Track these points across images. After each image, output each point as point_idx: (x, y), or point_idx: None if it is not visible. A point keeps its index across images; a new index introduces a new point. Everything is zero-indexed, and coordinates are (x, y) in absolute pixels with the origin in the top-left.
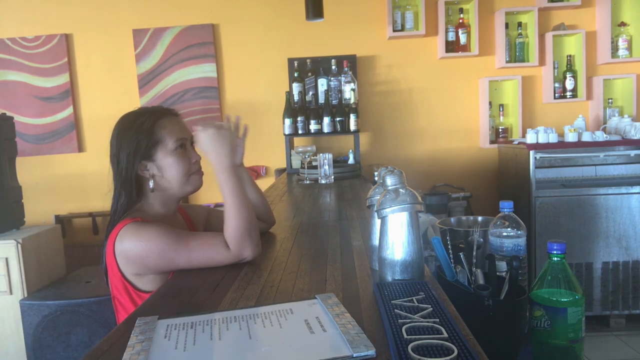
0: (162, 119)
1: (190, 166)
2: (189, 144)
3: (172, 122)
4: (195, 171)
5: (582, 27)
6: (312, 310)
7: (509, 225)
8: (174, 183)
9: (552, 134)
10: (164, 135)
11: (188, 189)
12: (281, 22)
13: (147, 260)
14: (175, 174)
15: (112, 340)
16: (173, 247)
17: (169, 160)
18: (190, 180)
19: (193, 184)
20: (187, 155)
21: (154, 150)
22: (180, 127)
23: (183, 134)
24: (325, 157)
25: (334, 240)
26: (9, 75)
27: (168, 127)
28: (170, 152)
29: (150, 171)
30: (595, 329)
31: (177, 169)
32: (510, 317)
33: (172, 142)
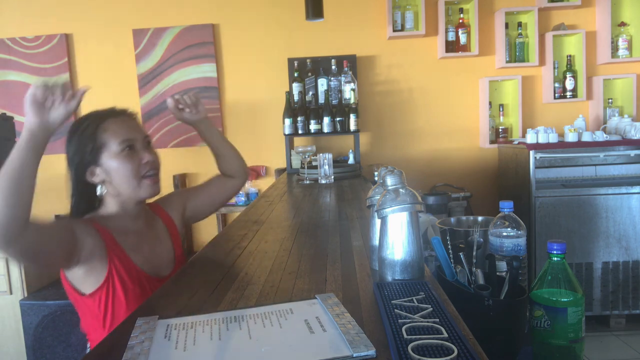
0: (106, 121)
1: (140, 168)
2: (140, 144)
3: (117, 123)
4: (147, 173)
5: (582, 27)
6: (312, 310)
7: (509, 225)
8: (124, 187)
9: (552, 134)
10: (107, 138)
11: (141, 193)
12: (281, 22)
13: None
14: (122, 178)
15: (112, 340)
16: None
17: (114, 164)
18: (142, 184)
19: (146, 188)
20: (136, 156)
21: (98, 155)
22: (127, 128)
23: (130, 134)
24: (325, 157)
25: (334, 240)
26: (9, 75)
27: (111, 130)
28: (114, 155)
29: (100, 176)
30: (595, 329)
31: (123, 172)
32: (510, 317)
33: (116, 144)
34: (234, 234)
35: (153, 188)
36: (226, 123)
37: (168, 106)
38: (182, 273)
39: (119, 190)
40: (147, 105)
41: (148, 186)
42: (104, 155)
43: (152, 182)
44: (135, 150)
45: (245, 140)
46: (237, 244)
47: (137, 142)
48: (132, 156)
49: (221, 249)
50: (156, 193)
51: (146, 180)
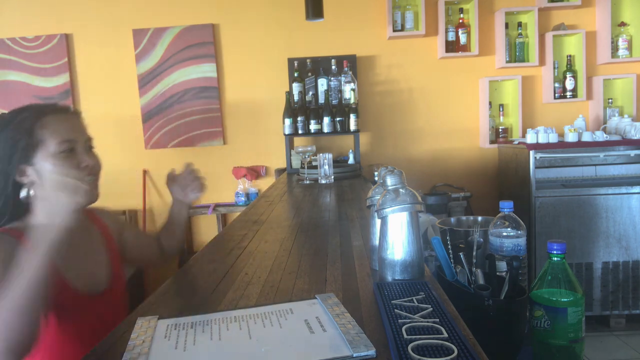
0: (47, 117)
1: (78, 172)
2: (82, 147)
3: (59, 121)
4: (84, 178)
5: (582, 27)
6: (312, 310)
7: (509, 225)
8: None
9: (552, 134)
10: (46, 136)
11: (77, 199)
12: (281, 22)
13: None
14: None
15: (112, 340)
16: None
17: (49, 165)
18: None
19: (82, 194)
20: (75, 159)
21: (32, 153)
22: (70, 128)
23: (71, 135)
24: (325, 157)
25: (334, 240)
26: (9, 75)
27: (52, 127)
28: (51, 156)
29: (30, 177)
30: (595, 329)
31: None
32: (510, 317)
33: (55, 144)
34: (234, 234)
35: (90, 194)
36: (226, 123)
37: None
38: (182, 273)
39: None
40: (147, 105)
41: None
42: (39, 154)
43: (90, 187)
44: (74, 153)
45: (245, 140)
46: (237, 244)
47: (78, 144)
48: (70, 158)
49: (221, 249)
50: (93, 200)
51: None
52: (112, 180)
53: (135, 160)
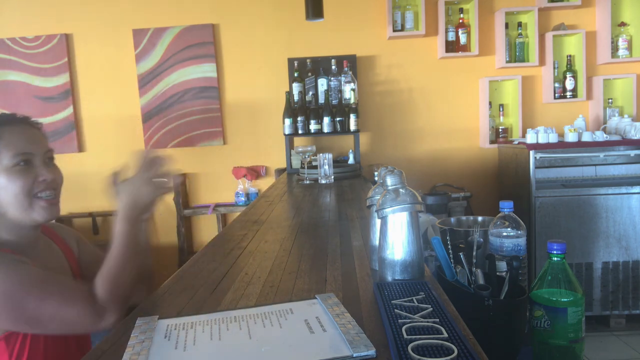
0: (3, 127)
1: (33, 186)
2: (40, 160)
3: (13, 133)
4: (40, 194)
5: (582, 27)
6: (312, 310)
7: (509, 225)
8: (11, 208)
9: (552, 134)
10: (0, 149)
11: (34, 216)
12: (281, 22)
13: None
14: (10, 196)
15: (112, 340)
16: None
17: (2, 180)
18: (34, 205)
19: (39, 211)
20: (32, 173)
21: None
22: (25, 140)
23: (27, 148)
24: (325, 157)
25: (334, 240)
26: (9, 75)
27: (6, 139)
28: (4, 170)
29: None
30: (595, 329)
31: (12, 189)
32: (510, 317)
33: (9, 157)
34: (234, 234)
35: (48, 211)
36: (226, 123)
37: None
38: (182, 273)
39: (5, 211)
40: (147, 106)
41: (41, 208)
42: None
43: (47, 203)
44: (31, 166)
45: (245, 140)
46: (237, 244)
47: (36, 157)
48: (26, 172)
49: (221, 249)
50: (52, 217)
51: (40, 202)
52: None
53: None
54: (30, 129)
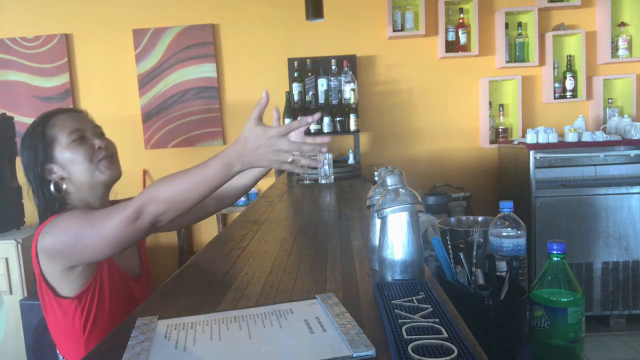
0: (53, 118)
1: (94, 153)
2: (91, 133)
3: (64, 118)
4: (102, 157)
5: (582, 27)
6: (312, 310)
7: (509, 225)
8: (83, 175)
9: (552, 134)
10: (56, 132)
11: (100, 177)
12: (281, 22)
13: (59, 246)
14: (78, 166)
15: (112, 340)
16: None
17: (67, 155)
18: (99, 167)
19: (103, 170)
20: (88, 143)
21: (50, 151)
22: (75, 120)
23: (78, 125)
24: (325, 157)
25: (334, 240)
26: (9, 75)
27: (59, 124)
28: (66, 147)
29: (58, 173)
30: (595, 329)
31: (77, 159)
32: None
33: (65, 136)
34: (234, 234)
35: (111, 169)
36: (226, 123)
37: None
38: (182, 273)
39: (79, 181)
40: (147, 106)
41: (105, 167)
42: (56, 149)
43: (108, 162)
44: (86, 139)
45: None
46: (237, 244)
47: (87, 131)
48: (83, 144)
49: (221, 249)
50: (116, 175)
51: (102, 162)
52: None
53: (135, 160)
54: (76, 113)
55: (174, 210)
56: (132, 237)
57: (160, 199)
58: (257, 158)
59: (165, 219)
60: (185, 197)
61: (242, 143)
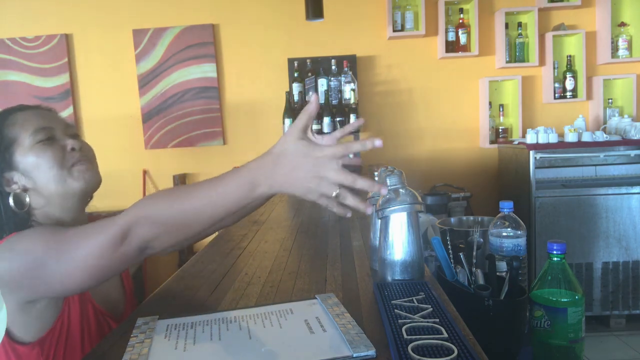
0: (13, 115)
1: (65, 156)
2: (62, 134)
3: (27, 115)
4: (76, 161)
5: (582, 27)
6: (312, 310)
7: (509, 225)
8: (51, 184)
9: (552, 134)
10: (16, 132)
11: (73, 184)
12: (281, 22)
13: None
14: (45, 173)
15: (112, 340)
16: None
17: (31, 159)
18: (72, 173)
19: (77, 176)
20: (58, 145)
21: (9, 156)
22: (40, 118)
23: (45, 123)
24: None
25: (334, 240)
26: (9, 75)
27: (19, 122)
28: (29, 149)
29: (19, 183)
30: (595, 329)
31: (44, 164)
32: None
33: (28, 136)
34: (234, 234)
35: (87, 175)
36: (226, 123)
37: None
38: (182, 273)
39: (46, 192)
40: (147, 106)
41: (80, 173)
42: (17, 153)
43: (84, 167)
44: (55, 140)
45: (245, 140)
46: (237, 244)
47: (57, 130)
48: (52, 145)
49: (221, 249)
50: (93, 182)
51: (76, 167)
52: (112, 181)
53: (135, 160)
54: (42, 111)
55: (171, 235)
56: (114, 266)
57: (155, 219)
58: (291, 182)
59: (158, 245)
60: (189, 221)
61: (274, 158)
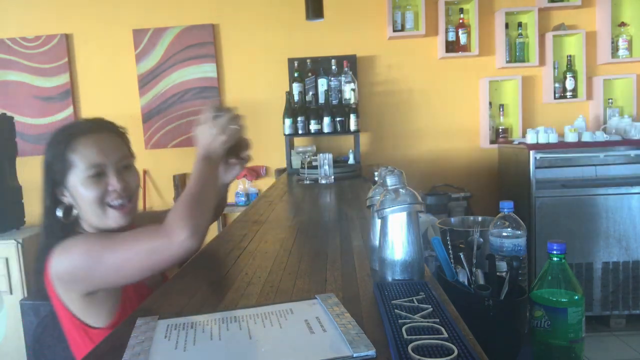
0: (76, 140)
1: (105, 195)
2: (113, 168)
3: (87, 145)
4: (112, 202)
5: (582, 27)
6: (312, 310)
7: (509, 225)
8: (89, 215)
9: (552, 134)
10: (75, 160)
11: (109, 223)
12: (281, 22)
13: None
14: (87, 206)
15: (112, 340)
16: (103, 243)
17: (80, 189)
18: (107, 214)
19: (113, 218)
20: (103, 183)
21: (66, 176)
22: (99, 151)
23: (100, 158)
24: (325, 157)
25: (334, 240)
26: (9, 75)
27: (79, 151)
28: (81, 180)
29: (68, 198)
30: (595, 329)
31: (88, 199)
32: (510, 317)
33: (83, 168)
34: (234, 234)
35: (120, 220)
36: None
37: None
38: (182, 273)
39: (86, 218)
40: (147, 106)
41: (114, 217)
42: (71, 177)
43: (119, 212)
44: (104, 176)
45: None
46: (237, 244)
47: (108, 167)
48: (98, 182)
49: (221, 249)
50: (125, 224)
51: (112, 210)
52: None
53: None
54: (106, 137)
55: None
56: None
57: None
58: (203, 140)
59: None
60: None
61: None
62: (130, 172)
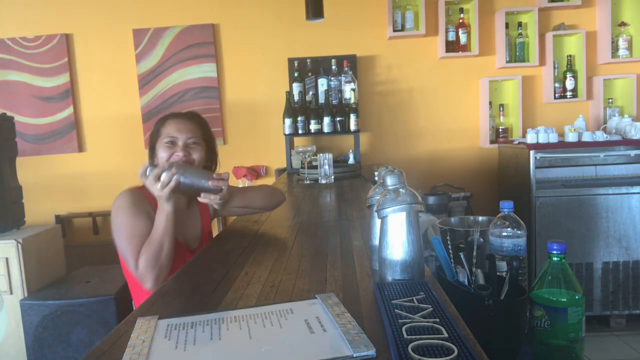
0: (169, 119)
1: (171, 158)
2: (182, 143)
3: (172, 123)
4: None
5: (582, 27)
6: (312, 310)
7: (509, 225)
8: None
9: (552, 134)
10: (162, 130)
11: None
12: (281, 22)
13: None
14: (159, 162)
15: (112, 340)
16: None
17: (159, 153)
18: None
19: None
20: (172, 150)
21: (156, 140)
22: (177, 128)
23: (175, 133)
24: (325, 157)
25: (334, 240)
26: (9, 75)
27: (166, 125)
28: (160, 144)
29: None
30: (595, 329)
31: (160, 159)
32: (510, 317)
33: (164, 136)
34: (234, 233)
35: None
36: (226, 123)
37: None
38: (182, 273)
39: None
40: (148, 105)
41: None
42: (158, 141)
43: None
44: (174, 146)
45: (245, 140)
46: (237, 243)
47: (179, 140)
48: (169, 149)
49: (221, 248)
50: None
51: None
52: (112, 180)
53: (135, 160)
54: (184, 120)
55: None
56: None
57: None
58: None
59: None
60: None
61: None
62: (195, 148)
